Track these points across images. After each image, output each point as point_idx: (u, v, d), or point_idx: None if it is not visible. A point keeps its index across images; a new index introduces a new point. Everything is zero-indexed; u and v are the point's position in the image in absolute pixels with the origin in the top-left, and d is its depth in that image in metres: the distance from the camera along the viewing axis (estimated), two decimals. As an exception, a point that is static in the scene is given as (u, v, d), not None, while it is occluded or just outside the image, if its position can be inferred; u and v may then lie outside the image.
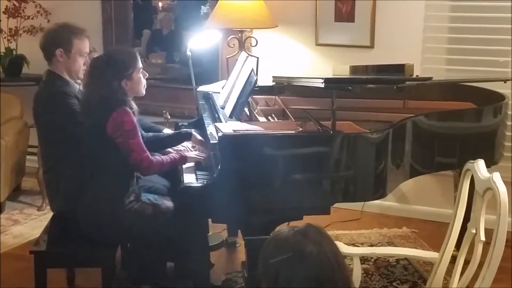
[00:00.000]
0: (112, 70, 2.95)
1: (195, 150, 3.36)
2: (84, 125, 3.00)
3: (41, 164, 3.44)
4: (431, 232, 4.29)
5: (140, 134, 2.98)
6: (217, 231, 4.18)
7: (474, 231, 2.45)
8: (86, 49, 3.37)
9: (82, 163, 3.07)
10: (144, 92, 3.11)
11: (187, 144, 3.37)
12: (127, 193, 2.97)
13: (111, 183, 2.96)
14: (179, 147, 3.37)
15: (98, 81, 2.95)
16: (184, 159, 3.12)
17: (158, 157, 3.05)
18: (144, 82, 3.09)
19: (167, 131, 3.66)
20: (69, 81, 3.32)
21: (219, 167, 2.83)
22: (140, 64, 3.05)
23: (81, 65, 3.33)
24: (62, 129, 3.17)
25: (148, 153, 2.98)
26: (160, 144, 3.33)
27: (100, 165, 2.99)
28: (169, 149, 3.37)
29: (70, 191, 3.15)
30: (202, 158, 3.20)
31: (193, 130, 3.37)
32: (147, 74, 3.13)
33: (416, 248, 4.06)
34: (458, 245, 2.62)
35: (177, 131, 3.50)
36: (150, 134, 3.39)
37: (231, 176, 2.79)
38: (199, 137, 3.30)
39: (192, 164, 3.21)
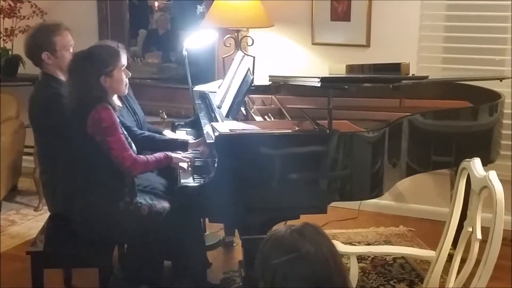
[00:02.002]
0: (91, 66, 2.90)
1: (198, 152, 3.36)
2: (70, 125, 2.97)
3: (37, 164, 3.44)
4: (428, 231, 4.30)
5: (121, 131, 2.90)
6: (214, 230, 4.19)
7: (470, 229, 2.46)
8: (70, 41, 3.33)
9: (77, 164, 3.07)
10: (126, 91, 3.07)
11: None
12: (122, 192, 2.96)
13: (104, 183, 2.95)
14: None
15: (76, 76, 2.91)
16: (169, 159, 3.06)
17: (142, 156, 2.98)
18: (126, 81, 3.03)
19: (167, 132, 3.64)
20: (63, 82, 3.31)
21: (215, 166, 2.82)
22: (122, 62, 2.98)
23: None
24: (57, 130, 3.15)
25: (131, 151, 2.92)
26: (154, 145, 3.30)
27: (90, 165, 2.97)
28: None
29: (66, 192, 3.14)
30: (187, 160, 3.12)
31: (189, 139, 3.36)
32: (129, 74, 3.07)
33: (413, 246, 4.07)
34: (454, 244, 2.63)
35: (174, 139, 3.45)
36: (147, 133, 3.38)
37: (228, 176, 2.79)
38: (195, 141, 3.30)
39: (185, 166, 3.15)
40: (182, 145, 3.28)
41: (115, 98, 3.52)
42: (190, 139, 3.37)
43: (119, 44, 3.52)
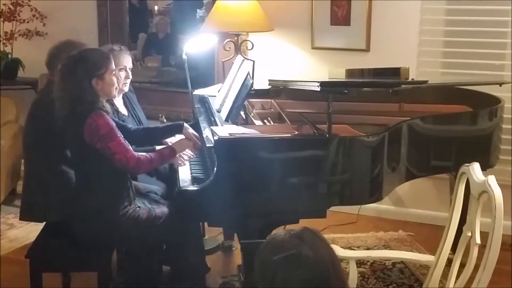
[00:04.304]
0: (83, 68, 2.89)
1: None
2: (65, 132, 2.97)
3: (25, 170, 3.42)
4: (427, 235, 4.30)
5: (119, 134, 2.90)
6: (213, 234, 4.18)
7: (469, 234, 2.46)
8: None
9: (76, 167, 3.07)
10: (116, 94, 3.07)
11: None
12: (120, 197, 2.96)
13: (102, 187, 2.95)
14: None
15: (69, 79, 2.90)
16: (173, 152, 3.06)
17: (145, 154, 2.98)
18: (116, 84, 3.03)
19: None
20: None
21: (215, 170, 2.82)
22: (113, 66, 2.99)
23: None
24: (60, 135, 3.14)
25: (132, 151, 2.92)
26: (151, 137, 3.27)
27: (88, 171, 2.97)
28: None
29: (63, 197, 3.12)
30: (191, 147, 3.15)
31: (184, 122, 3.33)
32: (121, 78, 3.09)
33: (412, 251, 4.06)
34: (454, 248, 2.63)
35: (168, 124, 3.40)
36: (140, 128, 3.36)
37: (227, 180, 2.79)
38: (191, 130, 3.24)
39: (186, 163, 3.18)
40: (177, 127, 3.23)
41: (120, 105, 3.54)
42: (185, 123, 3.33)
43: (122, 46, 3.54)
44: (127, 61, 3.50)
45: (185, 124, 3.24)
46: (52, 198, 3.18)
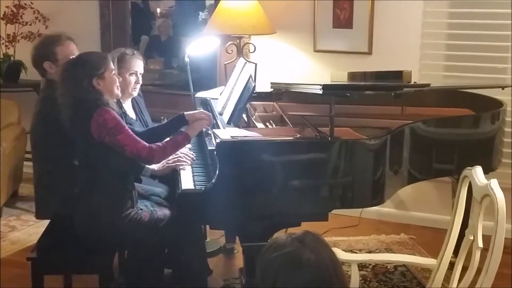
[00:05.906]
0: (82, 70, 2.91)
1: (191, 152, 3.36)
2: (71, 133, 2.98)
3: (35, 168, 3.43)
4: (429, 239, 4.29)
5: (127, 127, 2.92)
6: (215, 237, 4.18)
7: (472, 237, 2.46)
8: (73, 51, 3.34)
9: (80, 168, 3.07)
10: (119, 93, 3.08)
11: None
12: (123, 200, 2.96)
13: (106, 189, 2.95)
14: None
15: (69, 82, 2.92)
16: (187, 137, 3.05)
17: (157, 143, 2.97)
18: (118, 83, 3.03)
19: None
20: None
21: (216, 173, 2.82)
22: (112, 66, 3.00)
23: None
24: (65, 133, 3.14)
25: (143, 142, 2.92)
26: (157, 136, 3.25)
27: (91, 173, 2.97)
28: None
29: (67, 197, 3.13)
30: (206, 124, 3.15)
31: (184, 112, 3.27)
32: (120, 78, 3.10)
33: (414, 254, 4.05)
34: (456, 252, 2.63)
35: (170, 120, 3.33)
36: (145, 130, 3.36)
37: (229, 182, 2.79)
38: (192, 112, 3.22)
39: (188, 165, 3.19)
40: (180, 120, 3.21)
41: (128, 108, 3.54)
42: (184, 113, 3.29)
43: (135, 51, 3.55)
44: (138, 66, 3.50)
45: (186, 113, 3.21)
46: (65, 194, 3.18)
